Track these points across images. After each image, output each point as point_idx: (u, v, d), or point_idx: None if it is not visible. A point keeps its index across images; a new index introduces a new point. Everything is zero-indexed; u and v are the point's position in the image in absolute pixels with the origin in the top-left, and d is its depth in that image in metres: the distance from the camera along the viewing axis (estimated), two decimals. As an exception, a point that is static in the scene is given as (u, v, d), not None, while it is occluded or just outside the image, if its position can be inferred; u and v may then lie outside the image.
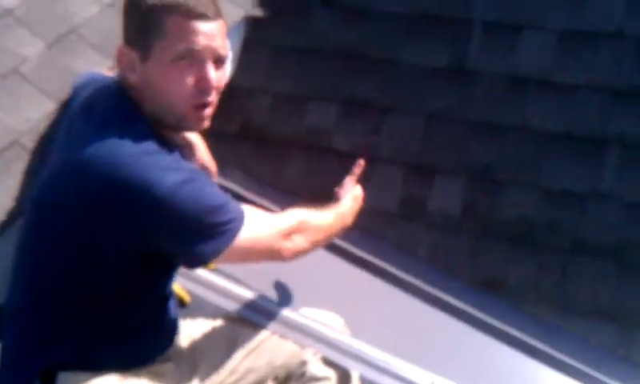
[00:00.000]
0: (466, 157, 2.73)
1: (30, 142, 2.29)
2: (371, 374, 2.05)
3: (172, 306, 1.87)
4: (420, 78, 2.86)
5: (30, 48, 2.46)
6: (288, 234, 1.78)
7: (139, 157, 1.51)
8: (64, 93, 2.41)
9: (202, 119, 1.67)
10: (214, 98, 1.66)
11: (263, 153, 2.93)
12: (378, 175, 2.78)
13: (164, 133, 1.66)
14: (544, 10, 2.80)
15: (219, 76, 1.66)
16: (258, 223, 1.70)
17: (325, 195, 2.75)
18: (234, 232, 1.61)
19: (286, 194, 2.79)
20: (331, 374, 2.02)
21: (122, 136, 1.53)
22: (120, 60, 1.63)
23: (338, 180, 2.18)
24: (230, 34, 2.83)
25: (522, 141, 2.69)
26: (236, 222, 1.63)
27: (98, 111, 1.63)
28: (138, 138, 1.54)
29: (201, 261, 1.63)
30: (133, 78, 1.62)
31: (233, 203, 1.65)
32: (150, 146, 1.55)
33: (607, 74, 2.67)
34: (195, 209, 1.54)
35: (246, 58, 3.02)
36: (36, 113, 2.35)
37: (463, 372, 2.12)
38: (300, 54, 3.02)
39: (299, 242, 1.82)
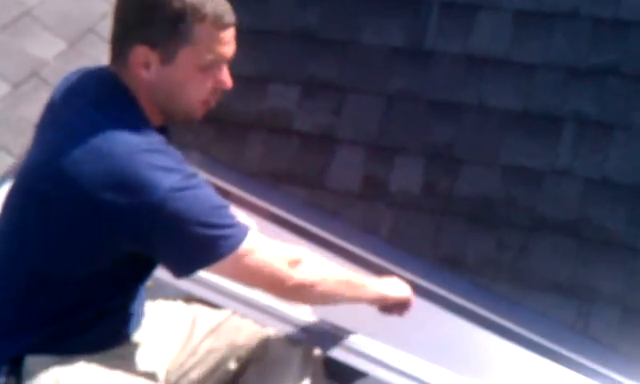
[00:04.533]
0: (425, 136, 2.75)
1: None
2: (335, 352, 2.03)
3: (143, 290, 1.83)
4: (379, 59, 2.87)
5: (-17, 31, 2.43)
6: (294, 263, 1.67)
7: (140, 154, 1.47)
8: (19, 75, 2.38)
9: (204, 111, 1.66)
10: None
11: (224, 135, 2.92)
12: (339, 156, 2.79)
13: (156, 123, 1.61)
14: (500, -9, 2.82)
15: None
16: (264, 243, 1.62)
17: (284, 176, 2.76)
18: (234, 240, 1.54)
19: (246, 176, 2.79)
20: (294, 354, 2.02)
21: (120, 129, 1.49)
22: (134, 59, 1.54)
23: (298, 161, 2.17)
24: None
25: (480, 120, 2.72)
26: (238, 229, 1.55)
27: (91, 100, 1.56)
28: (138, 132, 1.50)
29: (192, 268, 1.57)
30: (145, 75, 1.55)
31: (236, 216, 1.58)
32: (150, 141, 1.51)
33: (563, 53, 2.70)
34: (194, 212, 1.48)
35: (205, 40, 2.99)
36: (-10, 95, 2.32)
37: (426, 348, 2.13)
38: (260, 35, 3.01)
39: (304, 274, 1.68)
